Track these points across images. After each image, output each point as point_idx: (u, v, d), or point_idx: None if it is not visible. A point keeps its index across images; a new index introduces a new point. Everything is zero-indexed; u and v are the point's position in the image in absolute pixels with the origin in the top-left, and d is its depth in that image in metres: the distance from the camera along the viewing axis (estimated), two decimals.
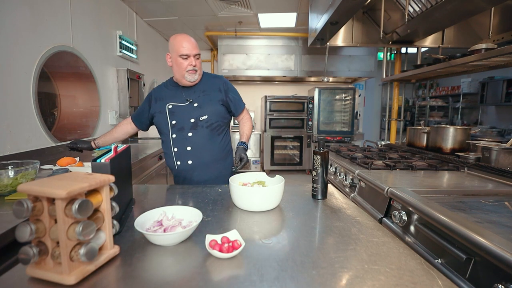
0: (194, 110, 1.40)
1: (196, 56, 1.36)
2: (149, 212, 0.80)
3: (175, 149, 1.40)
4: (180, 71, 1.37)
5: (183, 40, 1.34)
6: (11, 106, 1.72)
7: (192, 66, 1.35)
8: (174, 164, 1.43)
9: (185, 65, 1.35)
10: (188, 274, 0.60)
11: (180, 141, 1.39)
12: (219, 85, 1.47)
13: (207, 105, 1.41)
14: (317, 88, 4.69)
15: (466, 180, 1.44)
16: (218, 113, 1.43)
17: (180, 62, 1.35)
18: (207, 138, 1.40)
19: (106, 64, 2.84)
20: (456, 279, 0.82)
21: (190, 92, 1.43)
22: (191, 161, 1.40)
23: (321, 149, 1.07)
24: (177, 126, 1.40)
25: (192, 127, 1.39)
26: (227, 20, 3.88)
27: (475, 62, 1.67)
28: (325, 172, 1.07)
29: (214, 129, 1.42)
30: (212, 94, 1.43)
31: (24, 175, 1.13)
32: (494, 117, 5.21)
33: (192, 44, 1.35)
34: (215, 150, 1.43)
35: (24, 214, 0.52)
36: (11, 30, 1.72)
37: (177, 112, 1.40)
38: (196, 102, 1.41)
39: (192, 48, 1.35)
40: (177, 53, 1.34)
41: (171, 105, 1.41)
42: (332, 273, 0.60)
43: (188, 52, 1.34)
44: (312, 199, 1.09)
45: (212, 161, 1.43)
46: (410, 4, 2.14)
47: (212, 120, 1.41)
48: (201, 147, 1.39)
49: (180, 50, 1.33)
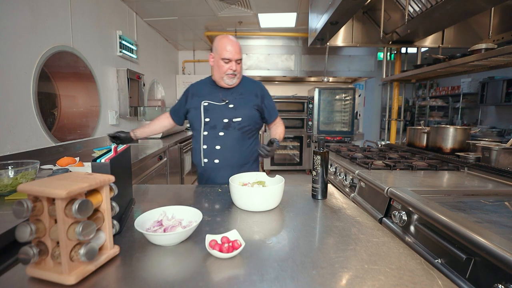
0: (229, 111, 1.40)
1: (238, 61, 1.38)
2: (149, 212, 0.80)
3: (205, 146, 1.41)
4: (220, 73, 1.39)
5: (227, 44, 1.35)
6: (11, 106, 1.72)
7: (232, 70, 1.37)
8: (201, 161, 1.43)
9: (225, 68, 1.36)
10: (188, 274, 0.60)
11: (211, 139, 1.40)
12: (256, 91, 1.48)
13: (242, 108, 1.42)
14: (317, 88, 4.69)
15: (466, 180, 1.44)
16: (252, 117, 1.44)
17: (221, 65, 1.37)
18: (237, 140, 1.41)
19: (106, 64, 2.84)
20: (456, 279, 0.82)
21: (227, 93, 1.44)
22: (218, 160, 1.40)
23: (321, 149, 1.07)
24: (210, 124, 1.40)
25: (224, 127, 1.39)
26: (227, 20, 3.88)
27: (475, 62, 1.67)
28: (325, 172, 1.07)
29: (245, 132, 1.43)
30: (248, 97, 1.45)
31: (24, 175, 1.13)
32: (494, 117, 5.21)
33: (236, 48, 1.36)
34: (243, 153, 1.44)
35: (24, 214, 0.52)
36: (11, 30, 1.72)
37: (211, 110, 1.41)
38: (232, 103, 1.41)
39: (235, 53, 1.36)
40: (220, 55, 1.36)
41: (207, 103, 1.42)
42: (332, 273, 0.60)
43: (230, 57, 1.35)
44: (312, 199, 1.09)
45: (238, 164, 1.43)
46: (410, 4, 2.14)
47: (244, 123, 1.41)
48: (230, 147, 1.40)
49: (223, 53, 1.35)
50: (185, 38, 4.69)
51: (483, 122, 5.39)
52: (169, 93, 4.94)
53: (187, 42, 4.91)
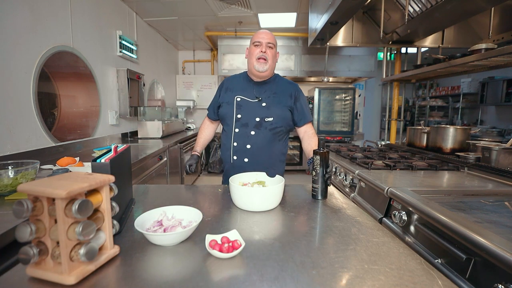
0: (261, 109, 1.39)
1: (269, 44, 1.37)
2: (149, 212, 0.80)
3: (235, 143, 1.40)
4: (251, 60, 1.39)
5: (261, 32, 1.40)
6: (11, 106, 1.72)
7: (262, 52, 1.36)
8: (230, 158, 1.42)
9: (256, 51, 1.37)
10: (188, 274, 0.60)
11: (242, 137, 1.39)
12: (291, 91, 1.45)
13: (275, 107, 1.39)
14: (317, 88, 4.69)
15: (466, 180, 1.44)
16: (284, 118, 1.41)
17: (253, 50, 1.39)
18: (268, 141, 1.39)
19: (106, 64, 2.84)
20: (456, 279, 0.82)
21: (261, 90, 1.42)
22: (248, 159, 1.39)
23: (321, 149, 1.07)
24: (242, 121, 1.39)
25: (256, 126, 1.38)
26: (227, 20, 3.88)
27: (475, 62, 1.67)
28: (325, 172, 1.07)
29: (277, 133, 1.41)
30: (282, 97, 1.42)
31: (24, 175, 1.13)
32: (494, 117, 5.21)
33: (268, 35, 1.39)
34: (273, 154, 1.42)
35: (24, 214, 0.52)
36: (11, 30, 1.72)
37: (244, 107, 1.40)
38: (265, 101, 1.40)
39: (267, 38, 1.37)
40: (252, 41, 1.40)
41: (240, 98, 1.41)
42: (332, 273, 0.60)
43: (260, 40, 1.37)
44: (313, 199, 1.09)
45: (267, 165, 1.40)
46: (410, 4, 2.14)
47: (276, 123, 1.39)
48: (260, 148, 1.39)
49: (254, 38, 1.39)
50: (185, 38, 4.69)
51: (483, 122, 5.39)
52: (169, 93, 4.94)
53: (187, 42, 4.91)
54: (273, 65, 1.42)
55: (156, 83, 4.30)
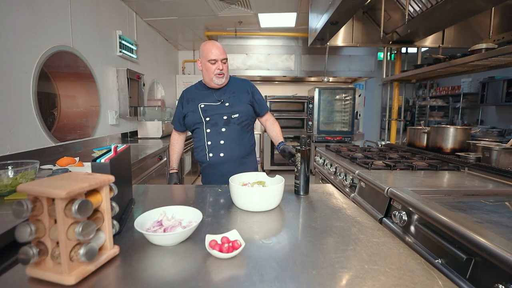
0: (226, 109, 1.51)
1: (223, 60, 1.48)
2: (149, 212, 0.80)
3: (209, 142, 1.51)
4: (208, 75, 1.48)
5: (212, 47, 1.46)
6: (11, 106, 1.72)
7: (219, 70, 1.46)
8: (206, 156, 1.52)
9: (213, 69, 1.46)
10: (188, 274, 0.59)
11: (214, 135, 1.50)
12: (246, 88, 1.60)
13: (238, 105, 1.53)
14: (317, 88, 4.68)
15: (466, 180, 1.43)
16: (247, 112, 1.55)
17: (209, 67, 1.46)
18: (238, 134, 1.52)
19: (106, 64, 2.84)
20: (457, 279, 0.82)
21: (221, 93, 1.54)
22: (223, 154, 1.50)
23: (302, 147, 1.13)
24: (211, 122, 1.50)
25: (225, 123, 1.50)
26: (227, 20, 3.88)
27: (475, 62, 1.66)
28: (306, 168, 1.12)
29: (244, 127, 1.55)
30: (241, 95, 1.56)
31: (24, 175, 1.13)
32: (495, 117, 5.21)
33: (220, 50, 1.47)
34: (244, 145, 1.55)
35: (24, 214, 0.52)
36: (11, 30, 1.72)
37: (209, 111, 1.51)
38: (227, 102, 1.52)
39: (220, 54, 1.46)
40: (206, 58, 1.46)
41: (203, 105, 1.52)
42: (332, 273, 0.60)
43: (216, 57, 1.45)
44: (296, 195, 1.09)
45: (241, 156, 1.54)
46: (410, 4, 2.14)
47: (242, 118, 1.53)
48: (233, 142, 1.51)
49: (209, 55, 1.45)
50: (185, 38, 4.69)
51: (483, 122, 5.39)
52: (169, 93, 4.94)
53: (187, 42, 4.91)
54: (228, 74, 1.56)
55: (156, 83, 4.30)
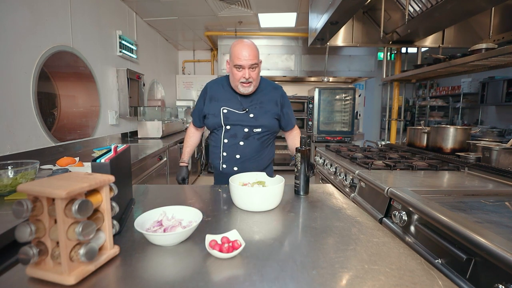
0: (249, 120, 1.37)
1: (252, 67, 1.29)
2: (149, 212, 0.80)
3: (224, 153, 1.41)
4: (234, 81, 1.34)
5: (241, 49, 1.27)
6: (11, 106, 1.72)
7: (245, 78, 1.29)
8: (220, 166, 1.44)
9: (238, 76, 1.30)
10: (188, 274, 0.59)
11: (231, 147, 1.39)
12: (276, 98, 1.43)
13: (263, 118, 1.38)
14: (317, 88, 4.68)
15: (466, 180, 1.43)
16: (271, 126, 1.42)
17: (235, 73, 1.30)
18: (257, 150, 1.41)
19: (106, 64, 2.84)
20: (457, 279, 0.82)
21: (247, 101, 1.39)
22: (237, 168, 1.40)
23: (302, 147, 1.12)
24: (230, 132, 1.39)
25: (244, 137, 1.38)
26: (227, 20, 3.88)
27: (475, 62, 1.66)
28: (306, 168, 1.12)
29: (264, 142, 1.43)
30: (268, 107, 1.40)
31: (24, 175, 1.13)
32: (495, 117, 5.21)
33: (250, 54, 1.27)
34: (261, 161, 1.44)
35: (24, 214, 0.52)
36: (11, 30, 1.72)
37: (231, 119, 1.37)
38: (252, 113, 1.37)
39: (249, 59, 1.26)
40: (233, 62, 1.30)
41: (226, 110, 1.38)
42: (332, 273, 0.60)
43: (242, 63, 1.27)
44: (295, 195, 1.09)
45: (256, 171, 1.39)
46: (410, 4, 2.14)
47: (264, 133, 1.40)
48: (250, 157, 1.40)
49: (235, 60, 1.28)
50: (185, 38, 4.69)
51: (483, 122, 5.39)
52: (169, 93, 4.94)
53: (187, 42, 4.91)
54: (257, 81, 1.37)
55: (156, 83, 4.30)
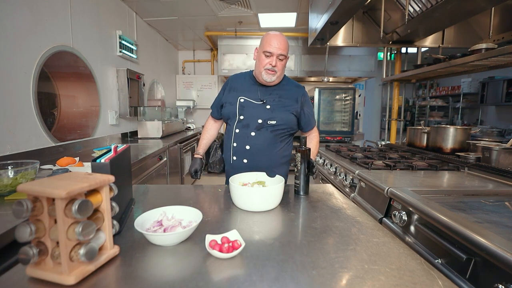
0: (265, 112, 1.35)
1: (280, 56, 1.30)
2: (149, 212, 0.80)
3: (235, 144, 1.39)
4: (259, 67, 1.34)
5: (273, 38, 1.29)
6: (11, 106, 1.72)
7: (271, 65, 1.30)
8: (230, 158, 1.41)
9: (265, 62, 1.31)
10: (188, 274, 0.59)
11: (241, 137, 1.37)
12: (297, 96, 1.42)
13: (279, 111, 1.36)
14: (317, 88, 4.68)
15: (466, 180, 1.43)
16: (288, 121, 1.38)
17: (262, 59, 1.32)
18: (269, 142, 1.36)
19: (106, 64, 2.84)
20: (457, 279, 0.82)
21: (266, 93, 1.38)
22: (247, 161, 1.37)
23: (302, 147, 1.12)
24: (243, 122, 1.37)
25: (257, 127, 1.35)
26: (227, 20, 3.88)
27: (475, 62, 1.67)
28: (306, 168, 1.12)
29: (278, 135, 1.38)
30: (288, 102, 1.39)
31: (24, 175, 1.13)
32: (495, 117, 5.21)
33: (281, 44, 1.29)
34: (273, 156, 1.38)
35: (24, 214, 0.52)
36: (11, 30, 1.72)
37: (247, 108, 1.37)
38: (269, 104, 1.36)
39: (279, 48, 1.29)
40: (262, 48, 1.31)
41: (243, 99, 1.37)
42: (332, 273, 0.60)
43: (272, 51, 1.29)
44: (297, 195, 1.09)
45: (267, 166, 1.33)
46: (410, 4, 2.14)
47: (279, 126, 1.37)
48: (260, 149, 1.36)
49: (266, 46, 1.30)
50: (185, 38, 4.69)
51: (483, 122, 5.39)
52: (169, 93, 4.94)
53: (187, 42, 4.91)
54: (282, 74, 1.38)
55: (156, 83, 4.30)
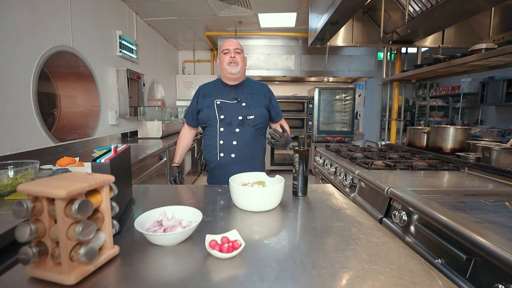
0: (242, 109, 1.51)
1: (237, 50, 1.52)
2: (149, 212, 0.80)
3: (221, 141, 1.50)
4: (223, 66, 1.53)
5: (227, 41, 1.54)
6: (11, 106, 1.72)
7: (231, 57, 1.49)
8: (217, 156, 1.51)
9: (226, 58, 1.51)
10: (188, 274, 0.59)
11: (227, 135, 1.49)
12: (264, 92, 1.62)
13: (254, 106, 1.53)
14: (317, 88, 4.68)
15: (466, 180, 1.43)
16: (263, 115, 1.56)
17: (223, 57, 1.53)
18: (252, 136, 1.52)
19: (106, 64, 2.84)
20: (457, 279, 0.82)
21: (238, 92, 1.55)
22: (234, 155, 1.49)
23: (300, 147, 1.11)
24: (225, 120, 1.49)
25: (240, 124, 1.49)
26: (227, 20, 3.88)
27: (475, 62, 1.66)
28: (305, 169, 1.11)
29: (258, 130, 1.54)
30: (258, 97, 1.57)
31: (24, 175, 1.13)
32: (495, 117, 5.21)
33: (234, 43, 1.53)
34: (256, 148, 1.55)
35: (24, 214, 0.52)
36: (11, 30, 1.72)
37: (225, 108, 1.51)
38: (244, 102, 1.53)
39: (233, 44, 1.52)
40: (221, 50, 1.55)
41: (219, 101, 1.52)
42: (332, 273, 0.60)
43: (228, 47, 1.51)
44: (294, 196, 1.09)
45: (251, 158, 1.53)
46: (410, 4, 2.14)
47: (257, 120, 1.53)
48: (245, 143, 1.50)
49: (223, 47, 1.53)
50: (185, 38, 4.69)
51: (483, 122, 5.39)
52: (169, 93, 4.94)
53: (187, 42, 4.91)
54: (243, 67, 1.56)
55: (156, 83, 4.30)
